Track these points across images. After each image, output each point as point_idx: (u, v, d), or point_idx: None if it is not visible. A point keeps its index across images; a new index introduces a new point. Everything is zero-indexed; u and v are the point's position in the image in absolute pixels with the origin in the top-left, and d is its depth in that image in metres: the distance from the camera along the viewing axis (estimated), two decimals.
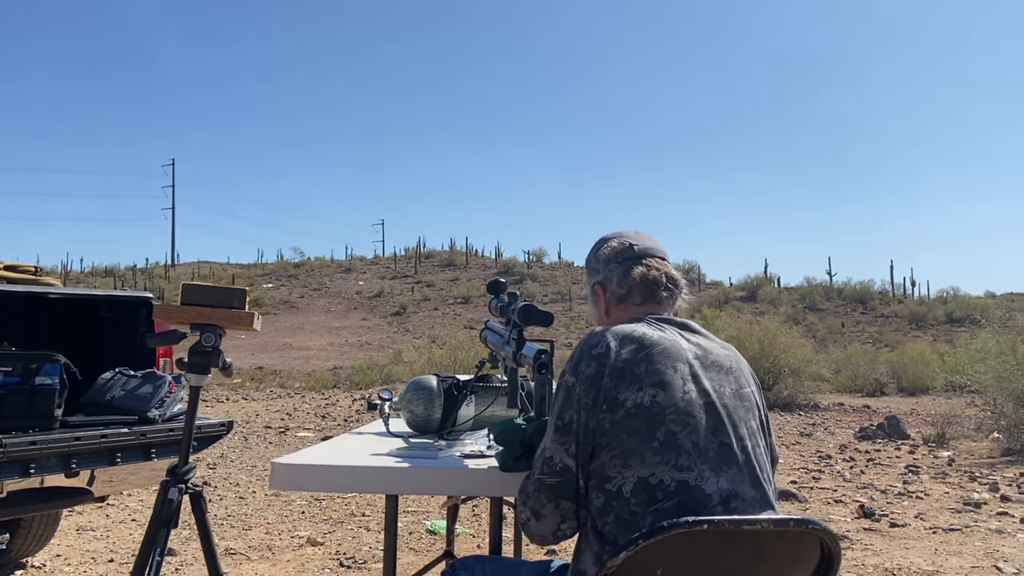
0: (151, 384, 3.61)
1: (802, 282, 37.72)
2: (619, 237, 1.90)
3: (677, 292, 1.85)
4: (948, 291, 34.71)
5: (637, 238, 1.90)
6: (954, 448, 9.85)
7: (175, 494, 2.17)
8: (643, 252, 1.86)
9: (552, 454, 1.63)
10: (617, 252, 1.87)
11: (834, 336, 28.78)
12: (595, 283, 1.90)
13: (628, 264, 1.84)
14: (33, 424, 3.14)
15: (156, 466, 3.47)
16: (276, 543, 5.08)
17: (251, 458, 8.55)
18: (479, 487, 2.08)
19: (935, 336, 28.38)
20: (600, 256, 1.90)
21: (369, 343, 29.49)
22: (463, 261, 44.03)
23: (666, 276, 1.84)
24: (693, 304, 1.97)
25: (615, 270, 1.85)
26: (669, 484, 1.53)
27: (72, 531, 5.26)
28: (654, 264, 1.84)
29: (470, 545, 5.04)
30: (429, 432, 2.52)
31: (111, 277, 43.18)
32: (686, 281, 1.91)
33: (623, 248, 1.87)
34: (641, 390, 1.58)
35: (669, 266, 1.88)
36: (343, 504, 6.25)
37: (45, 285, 3.85)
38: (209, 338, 2.21)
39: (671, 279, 1.85)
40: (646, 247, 1.88)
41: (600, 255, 1.90)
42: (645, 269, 1.83)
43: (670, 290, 1.84)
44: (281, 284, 41.14)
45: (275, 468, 2.01)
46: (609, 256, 1.88)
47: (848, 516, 5.98)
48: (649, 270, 1.83)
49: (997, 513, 6.08)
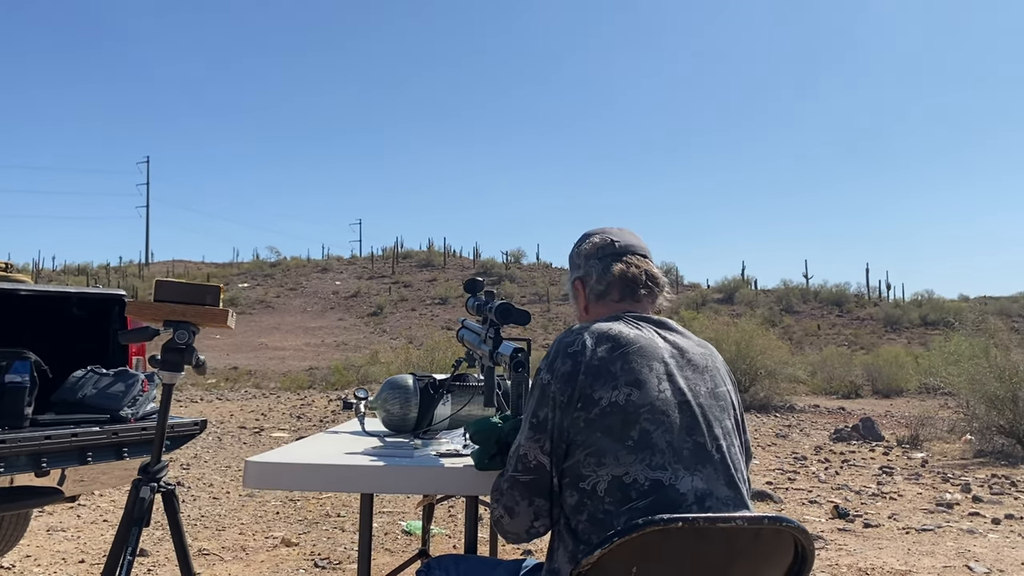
0: (123, 382, 3.56)
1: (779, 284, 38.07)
2: (601, 233, 1.89)
3: (657, 291, 1.84)
4: (923, 294, 35.15)
5: (619, 234, 1.88)
6: (928, 449, 9.96)
7: (147, 492, 2.14)
8: (624, 249, 1.85)
9: (526, 451, 1.62)
10: (598, 248, 1.86)
11: (810, 338, 29.04)
12: (575, 279, 1.89)
13: (608, 261, 1.83)
14: (2, 422, 3.09)
15: (128, 465, 3.43)
16: (250, 544, 5.04)
17: (225, 458, 8.48)
18: (455, 486, 2.06)
19: (910, 339, 28.69)
20: (581, 252, 1.89)
21: (345, 343, 29.38)
22: (441, 261, 43.99)
23: (646, 274, 1.82)
24: (671, 305, 1.97)
25: (595, 266, 1.84)
26: (643, 483, 1.52)
27: (42, 531, 5.19)
28: (634, 261, 1.83)
29: (446, 545, 5.02)
30: (405, 431, 2.50)
31: (84, 275, 42.71)
32: (667, 280, 1.90)
33: (604, 244, 1.86)
34: (616, 388, 1.57)
35: (651, 264, 1.86)
36: (318, 504, 6.22)
37: (15, 282, 3.79)
38: (182, 335, 2.18)
39: (651, 277, 1.83)
40: (627, 244, 1.86)
41: (581, 251, 1.89)
42: (625, 266, 1.81)
43: (650, 288, 1.82)
44: (257, 284, 40.89)
45: (248, 467, 1.99)
46: (590, 252, 1.87)
47: (823, 516, 6.02)
48: (629, 267, 1.81)
49: (969, 514, 6.15)
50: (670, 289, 1.90)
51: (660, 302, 1.85)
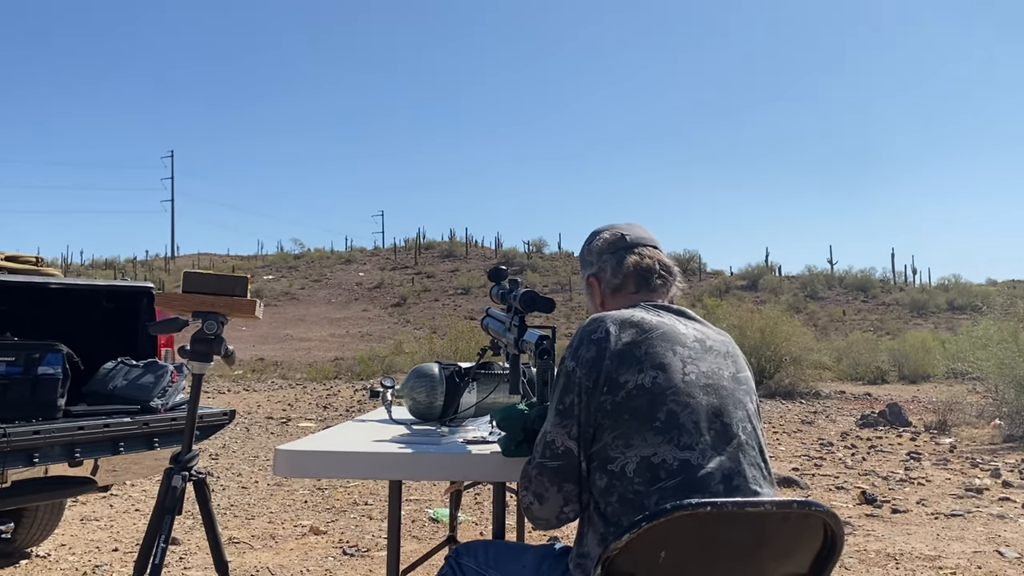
0: (153, 374, 3.61)
1: (803, 271, 37.76)
2: (611, 229, 1.94)
3: (671, 280, 1.87)
4: (949, 279, 34.74)
5: (628, 228, 1.93)
6: (956, 435, 9.87)
7: (179, 481, 2.18)
8: (635, 241, 1.89)
9: (554, 438, 1.64)
10: (609, 243, 1.90)
11: (835, 324, 28.80)
12: (590, 275, 1.93)
13: (621, 254, 1.87)
14: (36, 414, 3.14)
15: (159, 455, 3.48)
16: (279, 532, 5.09)
17: (253, 448, 8.57)
18: (482, 472, 2.08)
19: (936, 324, 28.39)
20: (593, 248, 1.93)
21: (370, 334, 29.52)
22: (463, 252, 44.01)
23: (659, 263, 1.86)
24: (694, 293, 1.97)
25: (608, 261, 1.88)
26: (672, 463, 1.54)
27: (76, 521, 5.27)
28: (647, 253, 1.87)
29: (472, 532, 5.05)
30: (431, 419, 2.52)
31: (111, 269, 43.21)
32: (679, 269, 1.93)
33: (615, 239, 1.90)
34: (642, 372, 1.60)
35: (662, 254, 1.90)
36: (346, 493, 6.27)
37: (47, 276, 3.85)
38: (211, 326, 2.21)
39: (664, 266, 1.87)
40: (637, 236, 1.91)
41: (593, 247, 1.93)
42: (638, 258, 1.85)
43: (664, 277, 1.86)
44: (281, 275, 41.14)
45: (278, 455, 2.02)
46: (602, 247, 1.91)
47: (850, 502, 5.99)
48: (642, 259, 1.85)
49: (999, 499, 6.10)
50: (683, 278, 1.94)
51: (674, 292, 1.88)
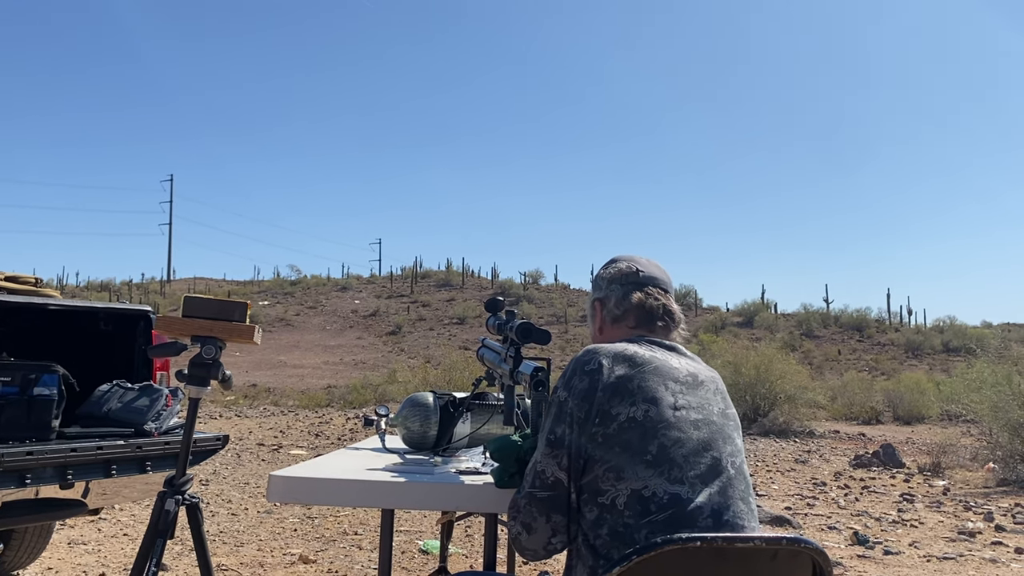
0: (148, 397, 3.62)
1: (799, 309, 37.72)
2: (629, 260, 1.94)
3: (673, 326, 1.88)
4: (945, 320, 34.70)
5: (646, 265, 1.93)
6: (949, 477, 9.84)
7: (172, 505, 2.18)
8: (647, 280, 1.90)
9: (544, 468, 1.65)
10: (622, 274, 1.91)
11: (830, 363, 28.79)
12: (595, 299, 1.95)
13: (629, 288, 1.88)
14: (30, 434, 3.15)
15: (151, 479, 3.47)
16: (268, 560, 5.06)
17: (244, 475, 8.53)
18: (475, 503, 2.09)
19: (931, 365, 28.38)
20: (605, 275, 1.95)
21: (364, 362, 29.45)
22: (459, 281, 44.03)
23: (664, 308, 1.87)
24: (689, 329, 1.99)
25: (615, 291, 1.89)
26: (662, 496, 1.56)
27: (63, 544, 5.23)
28: (654, 294, 1.88)
29: (462, 565, 5.02)
30: (425, 449, 2.52)
31: (107, 291, 43.12)
32: (683, 317, 1.93)
33: (628, 272, 1.91)
34: (634, 405, 1.61)
35: (670, 300, 1.91)
36: (335, 522, 6.24)
37: (45, 296, 3.86)
38: (210, 350, 2.23)
39: (668, 312, 1.87)
40: (651, 275, 1.91)
41: (605, 274, 1.95)
42: (644, 296, 1.86)
43: (666, 322, 1.87)
44: (277, 301, 41.10)
45: (273, 480, 2.02)
46: (613, 276, 1.92)
47: (842, 543, 5.97)
48: (648, 298, 1.86)
49: (992, 543, 6.08)
50: (685, 326, 1.94)
51: (674, 336, 1.88)
